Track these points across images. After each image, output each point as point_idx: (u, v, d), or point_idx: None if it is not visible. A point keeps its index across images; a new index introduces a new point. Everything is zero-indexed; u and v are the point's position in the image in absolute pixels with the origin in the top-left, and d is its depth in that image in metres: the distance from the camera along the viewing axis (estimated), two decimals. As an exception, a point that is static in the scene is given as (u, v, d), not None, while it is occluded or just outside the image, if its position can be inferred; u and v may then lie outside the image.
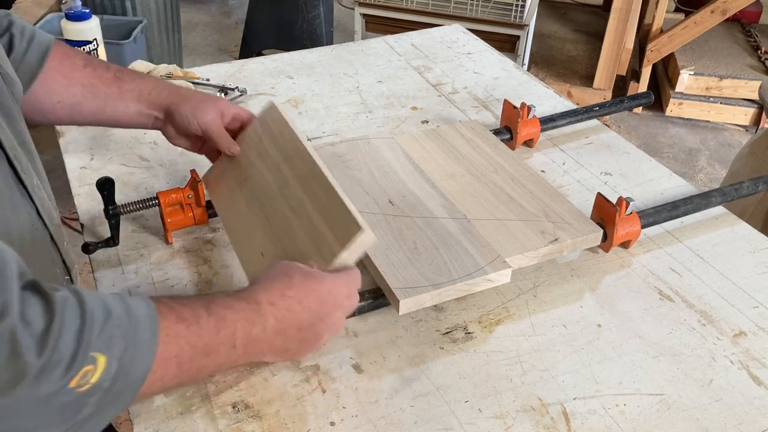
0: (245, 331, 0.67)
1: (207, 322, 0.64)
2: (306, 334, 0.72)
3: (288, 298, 0.70)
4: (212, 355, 0.65)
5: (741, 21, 3.77)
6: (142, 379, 0.59)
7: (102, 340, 0.56)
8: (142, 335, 0.59)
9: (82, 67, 0.90)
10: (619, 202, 0.99)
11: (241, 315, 0.67)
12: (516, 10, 2.87)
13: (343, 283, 0.74)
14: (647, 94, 1.41)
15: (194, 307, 0.65)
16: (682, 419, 0.79)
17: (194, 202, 1.01)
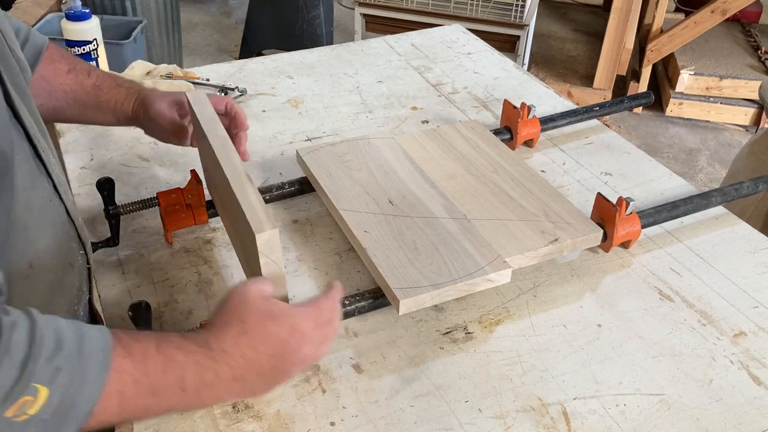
0: (196, 375, 0.63)
1: (155, 361, 0.61)
2: (268, 376, 0.67)
3: (242, 346, 0.65)
4: (159, 396, 0.61)
5: (741, 21, 3.77)
6: (86, 413, 0.56)
7: (47, 372, 0.53)
8: (91, 370, 0.56)
9: (65, 73, 0.92)
10: (619, 202, 0.99)
11: (191, 358, 0.63)
12: (516, 10, 2.87)
13: (308, 317, 0.69)
14: (647, 94, 1.41)
15: (145, 343, 0.62)
16: (682, 419, 0.79)
17: (194, 202, 1.01)
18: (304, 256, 1.01)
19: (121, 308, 0.90)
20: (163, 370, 0.61)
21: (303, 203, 1.11)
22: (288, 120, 1.33)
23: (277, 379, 0.68)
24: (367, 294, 0.89)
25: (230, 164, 0.81)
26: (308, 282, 0.96)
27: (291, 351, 0.67)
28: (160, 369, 0.61)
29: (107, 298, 0.92)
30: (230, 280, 0.96)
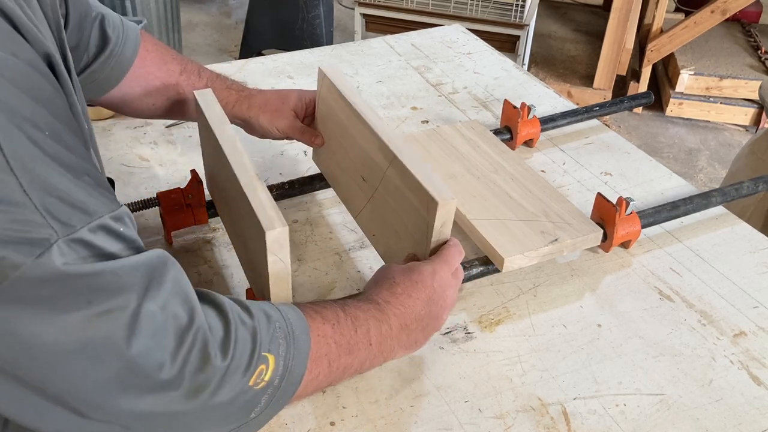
0: (376, 329, 0.72)
1: (345, 322, 0.69)
2: (426, 322, 0.77)
3: (398, 295, 0.74)
4: (354, 353, 0.70)
5: (741, 21, 3.77)
6: (301, 376, 0.64)
7: (269, 341, 0.61)
8: (298, 336, 0.64)
9: (178, 74, 0.98)
10: (619, 202, 0.99)
11: (369, 314, 0.72)
12: (516, 10, 2.87)
13: (442, 264, 0.78)
14: (647, 94, 1.41)
15: (332, 308, 0.70)
16: (682, 419, 0.79)
17: (194, 202, 1.01)
18: (304, 256, 1.01)
19: (121, 308, 0.90)
20: (353, 329, 0.69)
21: (303, 203, 1.11)
22: (288, 120, 1.33)
23: (432, 324, 0.78)
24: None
25: (240, 163, 0.81)
26: (308, 282, 0.96)
27: (438, 294, 0.77)
28: (351, 328, 0.69)
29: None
30: (230, 280, 0.96)
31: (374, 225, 0.92)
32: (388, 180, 0.85)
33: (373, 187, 0.89)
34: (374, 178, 0.88)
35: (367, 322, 0.71)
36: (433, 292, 0.76)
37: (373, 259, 1.00)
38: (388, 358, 0.77)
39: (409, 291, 0.75)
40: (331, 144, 1.01)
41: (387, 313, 0.73)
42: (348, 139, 0.94)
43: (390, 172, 0.84)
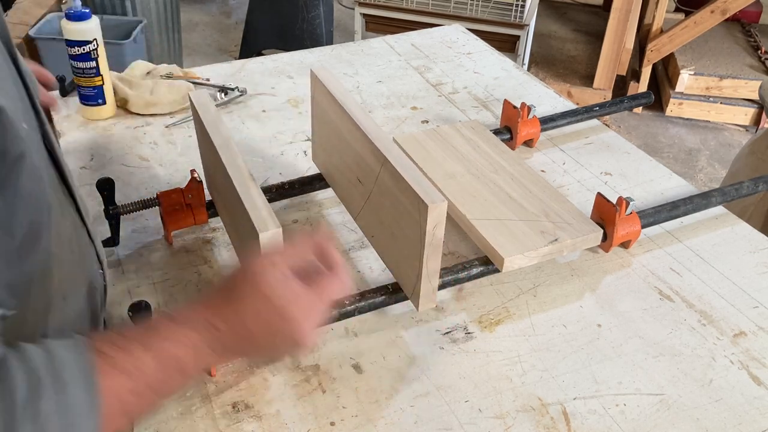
0: (194, 359, 0.61)
1: (148, 364, 0.58)
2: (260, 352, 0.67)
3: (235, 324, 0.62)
4: (162, 389, 0.60)
5: (741, 21, 3.77)
6: None
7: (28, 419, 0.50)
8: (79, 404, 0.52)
9: None
10: (619, 202, 0.99)
11: (185, 345, 0.60)
12: (516, 10, 2.87)
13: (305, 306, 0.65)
14: (647, 94, 1.41)
15: (133, 351, 0.58)
16: (682, 419, 0.79)
17: (194, 202, 1.01)
18: (304, 256, 1.01)
19: (121, 308, 0.91)
20: (160, 369, 0.58)
21: (303, 203, 1.11)
22: (288, 120, 1.33)
23: (268, 354, 0.75)
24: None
25: (234, 164, 0.81)
26: (308, 282, 0.96)
27: (282, 337, 0.63)
28: (156, 369, 0.58)
29: (107, 298, 0.92)
30: (230, 280, 0.96)
31: (372, 226, 0.92)
32: (381, 182, 0.85)
33: (368, 188, 0.89)
34: (369, 181, 0.88)
35: (178, 358, 0.60)
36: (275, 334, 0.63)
37: (373, 259, 1.00)
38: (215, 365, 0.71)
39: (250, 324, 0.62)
40: (328, 145, 1.01)
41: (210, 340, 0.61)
42: (342, 141, 0.94)
43: (382, 174, 0.84)
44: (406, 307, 0.92)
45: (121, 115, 1.32)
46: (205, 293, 0.68)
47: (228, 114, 1.34)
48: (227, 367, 0.83)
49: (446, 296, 0.95)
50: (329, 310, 0.68)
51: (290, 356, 0.72)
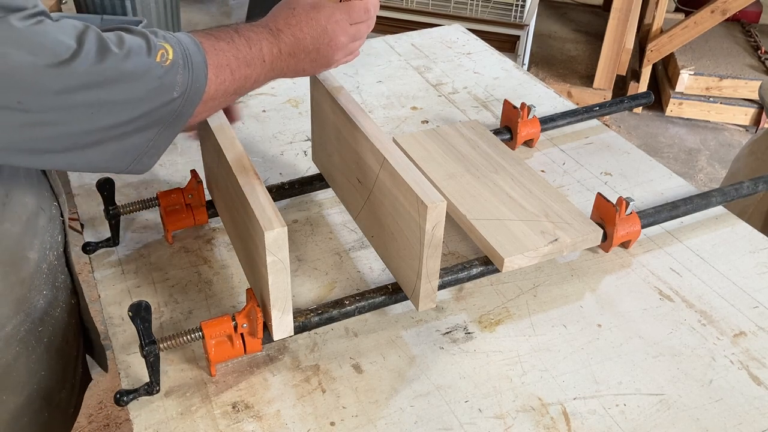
0: (269, 49, 0.80)
1: (239, 41, 0.78)
2: (313, 57, 0.85)
3: (291, 26, 0.82)
4: (251, 66, 0.79)
5: (741, 21, 3.77)
6: (205, 63, 0.72)
7: (158, 37, 0.70)
8: (191, 44, 0.72)
9: None
10: (619, 202, 0.99)
11: (261, 36, 0.80)
12: (516, 10, 2.87)
13: (343, 11, 0.85)
14: (647, 94, 1.41)
15: (227, 31, 0.78)
16: (682, 419, 0.79)
17: (194, 202, 1.01)
18: (304, 256, 1.01)
19: (121, 308, 0.91)
20: (248, 47, 0.78)
21: (303, 203, 1.11)
22: (288, 120, 1.33)
23: (321, 60, 0.86)
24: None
25: (239, 163, 0.81)
26: (308, 282, 0.96)
27: (329, 35, 0.84)
28: (246, 46, 0.78)
29: (107, 298, 0.92)
30: (230, 280, 0.96)
31: (372, 226, 0.92)
32: (381, 182, 0.85)
33: (368, 189, 0.89)
34: (368, 181, 0.88)
35: (260, 43, 0.79)
36: (324, 32, 0.83)
37: (373, 259, 1.00)
38: (279, 76, 0.85)
39: (302, 24, 0.83)
40: (328, 145, 1.01)
41: (278, 38, 0.81)
42: (342, 141, 0.94)
43: (382, 174, 0.84)
44: (406, 307, 0.92)
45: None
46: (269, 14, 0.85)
47: (228, 114, 1.34)
48: (227, 367, 0.83)
49: (446, 296, 0.95)
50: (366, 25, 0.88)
51: (322, 70, 0.89)
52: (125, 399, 0.77)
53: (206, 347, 0.80)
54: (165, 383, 0.81)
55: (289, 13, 0.83)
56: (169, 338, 0.79)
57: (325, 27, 0.84)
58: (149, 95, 0.67)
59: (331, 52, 0.86)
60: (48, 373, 0.87)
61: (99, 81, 0.64)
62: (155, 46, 0.68)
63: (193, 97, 0.72)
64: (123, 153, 0.70)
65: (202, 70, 0.72)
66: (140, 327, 0.75)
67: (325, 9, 0.84)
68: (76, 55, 0.62)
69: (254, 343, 0.82)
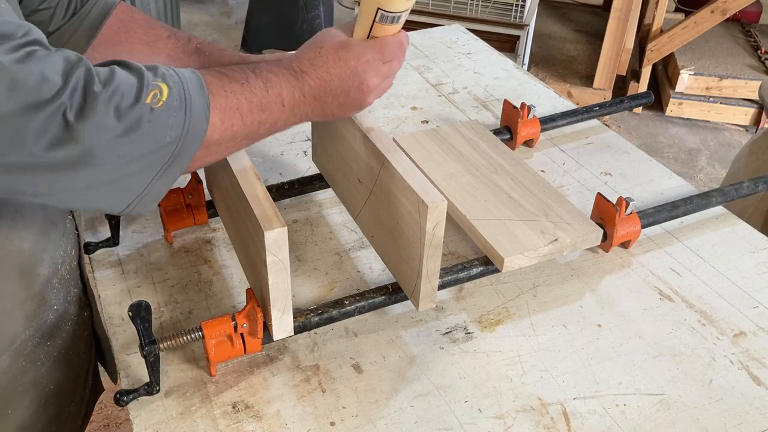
0: (289, 93, 0.74)
1: (256, 82, 0.72)
2: (343, 100, 0.78)
3: (317, 67, 0.76)
4: (267, 111, 0.73)
5: (741, 21, 3.77)
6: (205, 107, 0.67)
7: (158, 77, 0.65)
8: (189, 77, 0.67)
9: (166, 38, 0.96)
10: (619, 202, 0.99)
11: (282, 78, 0.74)
12: (516, 10, 2.87)
13: (374, 49, 0.77)
14: (647, 94, 1.41)
15: (243, 71, 0.73)
16: (682, 419, 0.79)
17: (194, 202, 1.01)
18: (304, 256, 1.01)
19: (121, 308, 0.91)
20: (265, 89, 0.73)
21: (303, 203, 1.11)
22: (288, 120, 1.33)
23: (351, 103, 0.79)
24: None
25: (239, 162, 0.81)
26: (308, 282, 0.96)
27: (359, 77, 0.77)
28: (263, 88, 0.72)
29: (107, 298, 0.92)
30: (230, 280, 0.96)
31: (372, 226, 0.92)
32: (381, 182, 0.85)
33: (368, 189, 0.89)
34: (369, 181, 0.88)
35: (279, 85, 0.74)
36: (353, 74, 0.77)
37: (373, 259, 1.00)
38: (304, 120, 0.79)
39: (329, 66, 0.76)
40: (328, 146, 1.00)
41: (302, 81, 0.75)
42: (342, 141, 0.94)
43: (382, 174, 0.84)
44: (406, 307, 0.92)
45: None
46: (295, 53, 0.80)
47: (228, 114, 1.34)
48: (227, 367, 0.83)
49: (446, 296, 0.95)
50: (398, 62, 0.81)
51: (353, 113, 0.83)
52: (125, 399, 0.77)
53: (206, 347, 0.80)
54: (165, 383, 0.81)
55: (316, 52, 0.77)
56: (169, 338, 0.79)
57: (354, 68, 0.77)
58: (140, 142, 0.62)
59: (362, 95, 0.79)
60: (57, 387, 0.86)
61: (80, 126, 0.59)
62: (148, 85, 0.63)
63: (190, 142, 0.66)
64: (117, 197, 0.65)
65: (202, 112, 0.66)
66: (140, 327, 0.75)
67: (354, 48, 0.77)
68: (59, 93, 0.58)
69: (254, 343, 0.82)
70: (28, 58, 0.58)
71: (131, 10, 0.95)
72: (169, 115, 0.63)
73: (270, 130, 0.75)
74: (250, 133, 0.73)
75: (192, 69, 0.70)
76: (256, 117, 0.72)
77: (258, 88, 0.72)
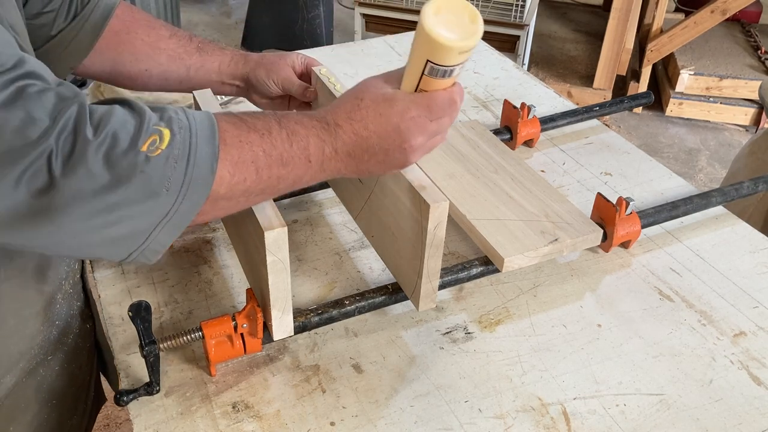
0: (318, 147, 0.67)
1: (279, 134, 0.66)
2: (381, 158, 0.71)
3: (354, 122, 0.69)
4: (289, 166, 0.66)
5: (741, 21, 3.77)
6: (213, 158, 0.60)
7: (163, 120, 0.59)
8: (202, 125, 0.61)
9: (168, 38, 0.95)
10: (619, 202, 0.99)
11: (312, 131, 0.67)
12: (516, 10, 2.87)
13: (421, 105, 0.69)
14: (647, 94, 1.41)
15: (266, 120, 0.66)
16: (682, 419, 0.79)
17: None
18: (304, 256, 1.01)
19: (121, 308, 0.91)
20: (289, 142, 0.66)
21: (303, 203, 1.11)
22: (288, 120, 1.33)
23: (390, 162, 0.71)
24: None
25: None
26: (308, 282, 0.96)
27: (402, 136, 0.69)
28: (286, 141, 0.66)
29: (107, 298, 0.92)
30: (230, 280, 0.96)
31: (372, 226, 0.92)
32: (382, 182, 0.85)
33: (369, 188, 0.89)
34: (370, 180, 0.88)
35: (307, 139, 0.67)
36: (395, 132, 0.69)
37: (373, 259, 1.00)
38: (336, 176, 0.73)
39: (368, 121, 0.69)
40: None
41: (333, 135, 0.68)
42: None
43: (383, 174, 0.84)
44: (406, 307, 0.92)
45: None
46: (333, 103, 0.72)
47: (228, 114, 1.34)
48: (227, 367, 0.83)
49: (446, 296, 0.95)
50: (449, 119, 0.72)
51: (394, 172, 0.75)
52: (125, 399, 0.77)
53: (206, 347, 0.80)
54: (165, 383, 0.81)
55: (355, 104, 0.69)
56: (169, 338, 0.79)
57: (397, 125, 0.68)
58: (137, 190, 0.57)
59: (404, 155, 0.71)
60: (59, 401, 0.85)
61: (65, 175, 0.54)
62: (147, 130, 0.57)
63: (193, 196, 0.60)
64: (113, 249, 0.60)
65: (207, 164, 0.60)
66: (140, 327, 0.75)
67: (398, 103, 0.69)
68: (46, 135, 0.53)
69: (254, 343, 0.82)
70: (17, 96, 0.53)
71: (131, 9, 0.95)
72: (168, 164, 0.58)
73: (292, 185, 0.69)
74: (267, 189, 0.67)
75: (209, 113, 0.64)
76: (274, 171, 0.65)
77: (280, 140, 0.65)
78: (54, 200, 0.54)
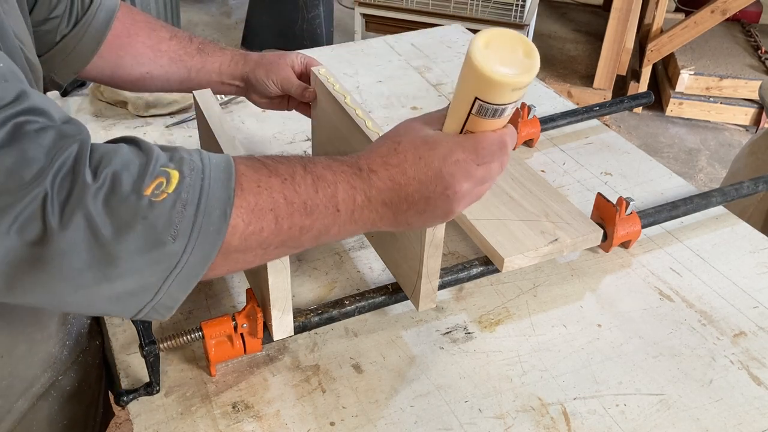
0: (348, 195, 0.61)
1: (303, 179, 0.59)
2: (422, 208, 0.63)
3: (390, 167, 0.62)
4: (313, 215, 0.59)
5: (741, 21, 3.77)
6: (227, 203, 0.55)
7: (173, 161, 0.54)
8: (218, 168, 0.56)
9: (168, 40, 0.95)
10: (619, 202, 0.99)
11: (341, 177, 0.61)
12: (516, 10, 2.88)
13: (467, 148, 0.62)
14: (647, 94, 1.41)
15: (290, 163, 0.60)
16: (682, 419, 0.79)
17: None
18: (304, 256, 1.01)
19: (121, 308, 0.90)
20: (314, 188, 0.59)
21: (303, 203, 1.11)
22: (288, 120, 1.33)
23: (432, 211, 0.64)
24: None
25: None
26: (308, 282, 0.96)
27: (444, 182, 0.62)
28: (311, 187, 0.59)
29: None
30: (230, 280, 0.96)
31: None
32: None
33: None
34: None
35: (335, 185, 0.60)
36: (437, 177, 0.62)
37: (373, 259, 1.00)
38: (371, 229, 0.65)
39: (406, 165, 0.62)
40: (328, 146, 1.00)
41: (367, 182, 0.61)
42: (343, 142, 0.94)
43: None
44: (406, 307, 0.92)
45: (122, 116, 1.32)
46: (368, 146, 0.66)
47: (228, 114, 1.34)
48: (227, 367, 0.83)
49: (446, 296, 0.95)
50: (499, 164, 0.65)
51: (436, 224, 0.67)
52: (125, 399, 0.77)
53: (206, 347, 0.80)
54: (165, 383, 0.81)
55: (391, 148, 0.63)
56: (169, 338, 0.79)
57: (439, 170, 0.61)
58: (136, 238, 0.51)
59: (448, 204, 0.63)
60: (70, 420, 0.84)
61: None
62: (153, 172, 0.52)
63: (204, 245, 0.54)
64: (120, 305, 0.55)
65: (219, 210, 0.54)
66: (140, 327, 0.75)
67: (441, 146, 0.62)
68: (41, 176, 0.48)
69: (254, 343, 0.82)
70: (13, 134, 0.49)
71: (131, 11, 0.95)
72: (175, 210, 0.52)
73: (318, 238, 0.62)
74: (288, 241, 0.60)
75: (227, 156, 0.58)
76: (297, 221, 0.59)
77: (305, 185, 0.59)
78: (49, 250, 0.49)
